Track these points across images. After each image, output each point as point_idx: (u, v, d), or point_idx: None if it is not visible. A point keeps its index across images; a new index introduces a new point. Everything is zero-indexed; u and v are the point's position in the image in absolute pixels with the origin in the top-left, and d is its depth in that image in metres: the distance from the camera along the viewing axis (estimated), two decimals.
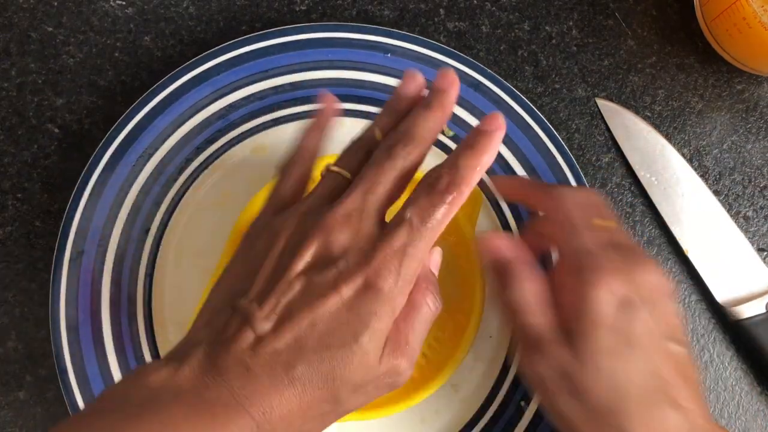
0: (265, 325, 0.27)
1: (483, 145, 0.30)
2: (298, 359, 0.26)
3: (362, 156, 0.32)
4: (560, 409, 0.34)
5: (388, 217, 0.31)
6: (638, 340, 0.32)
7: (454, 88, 0.32)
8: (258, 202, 0.39)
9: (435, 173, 0.30)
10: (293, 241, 0.29)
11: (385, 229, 0.29)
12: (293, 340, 0.27)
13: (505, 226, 0.43)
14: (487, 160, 0.30)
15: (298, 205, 0.31)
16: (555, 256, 0.38)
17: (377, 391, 0.29)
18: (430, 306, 0.30)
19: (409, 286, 0.29)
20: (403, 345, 0.29)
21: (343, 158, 0.32)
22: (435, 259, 0.34)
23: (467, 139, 0.31)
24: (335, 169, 0.32)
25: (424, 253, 0.29)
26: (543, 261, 0.36)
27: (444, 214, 0.29)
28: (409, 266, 0.28)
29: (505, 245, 0.34)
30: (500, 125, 0.31)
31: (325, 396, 0.27)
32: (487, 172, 0.44)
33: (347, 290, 0.27)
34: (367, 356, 0.27)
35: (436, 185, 0.30)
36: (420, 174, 0.32)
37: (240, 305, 0.28)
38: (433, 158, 0.43)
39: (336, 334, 0.27)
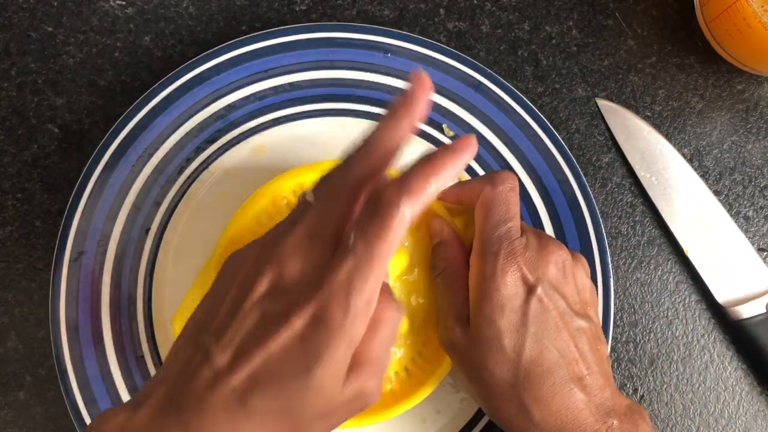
0: (221, 361, 0.26)
1: (441, 156, 0.27)
2: (253, 393, 0.25)
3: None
4: (465, 383, 0.35)
5: None
6: (540, 320, 0.32)
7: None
8: (246, 208, 0.38)
9: (381, 187, 0.27)
10: (251, 271, 0.28)
11: (334, 257, 0.27)
12: (248, 375, 0.26)
13: None
14: (446, 171, 0.27)
15: (266, 233, 0.29)
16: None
17: (347, 414, 0.28)
18: (389, 319, 0.28)
19: (365, 316, 0.27)
20: (368, 365, 0.28)
21: (321, 187, 0.29)
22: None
23: (425, 155, 0.28)
24: (311, 198, 0.29)
25: (375, 282, 0.27)
26: None
27: (393, 237, 0.26)
28: (359, 298, 0.26)
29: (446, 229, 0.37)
30: (470, 145, 0.28)
31: (287, 427, 0.26)
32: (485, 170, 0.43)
33: (298, 322, 0.26)
34: (323, 387, 0.26)
35: (380, 200, 0.26)
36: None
37: (201, 340, 0.27)
38: None
39: (288, 366, 0.26)
